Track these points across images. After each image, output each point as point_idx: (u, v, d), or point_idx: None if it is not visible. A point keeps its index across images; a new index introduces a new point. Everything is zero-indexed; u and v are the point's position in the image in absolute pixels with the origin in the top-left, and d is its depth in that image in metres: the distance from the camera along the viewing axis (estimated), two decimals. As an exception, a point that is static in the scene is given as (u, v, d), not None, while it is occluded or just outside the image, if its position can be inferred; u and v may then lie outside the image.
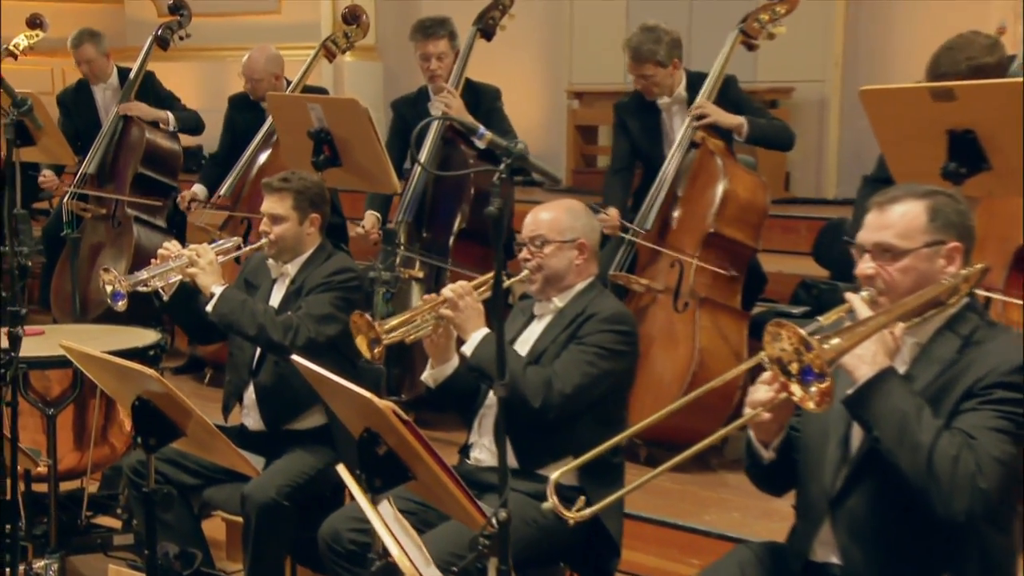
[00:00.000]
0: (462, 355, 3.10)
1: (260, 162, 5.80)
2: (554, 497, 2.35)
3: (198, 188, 6.03)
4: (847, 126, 7.26)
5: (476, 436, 3.21)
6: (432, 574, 2.24)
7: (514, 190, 2.25)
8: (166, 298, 3.62)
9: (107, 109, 6.32)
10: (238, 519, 3.53)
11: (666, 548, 3.91)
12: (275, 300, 3.67)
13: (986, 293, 3.19)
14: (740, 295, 4.60)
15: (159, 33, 6.27)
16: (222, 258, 3.69)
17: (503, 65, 6.64)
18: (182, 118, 6.27)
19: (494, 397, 3.10)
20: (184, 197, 5.98)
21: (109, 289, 3.50)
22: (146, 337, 3.99)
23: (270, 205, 3.63)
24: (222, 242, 3.81)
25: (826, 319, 2.34)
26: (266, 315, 3.52)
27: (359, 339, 3.02)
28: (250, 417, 3.67)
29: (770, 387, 2.32)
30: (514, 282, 3.14)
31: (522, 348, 3.15)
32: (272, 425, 3.62)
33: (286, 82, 5.91)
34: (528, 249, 3.17)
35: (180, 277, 3.59)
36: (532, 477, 3.02)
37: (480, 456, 3.17)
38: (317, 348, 3.44)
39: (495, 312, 2.37)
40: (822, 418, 2.37)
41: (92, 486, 4.04)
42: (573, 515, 2.37)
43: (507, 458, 2.31)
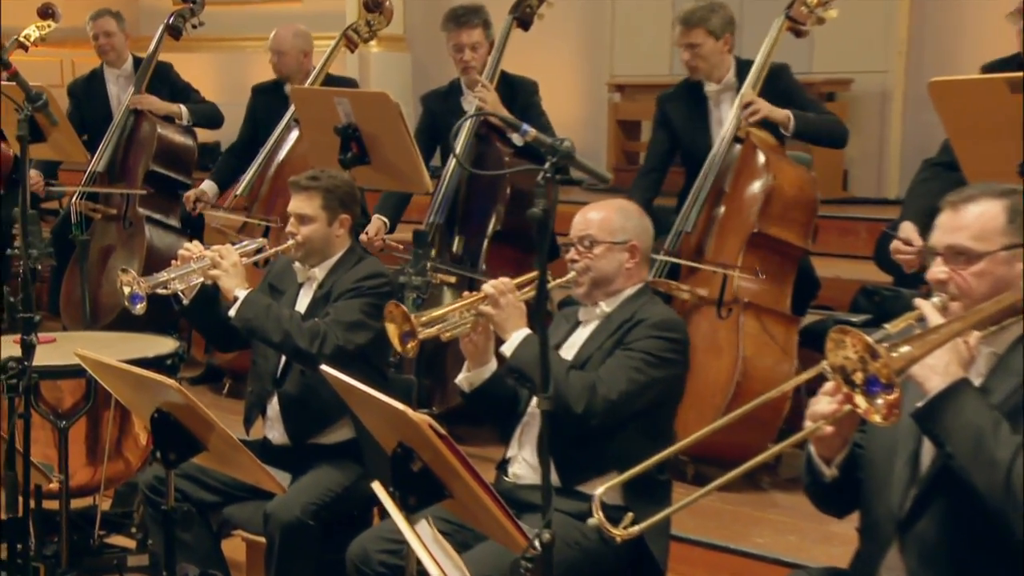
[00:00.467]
0: (500, 357, 3.11)
1: (279, 159, 5.83)
2: (599, 513, 2.36)
3: (207, 186, 6.02)
4: (911, 120, 7.21)
5: (515, 450, 3.21)
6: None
7: (558, 190, 2.24)
8: (186, 302, 3.64)
9: (119, 100, 6.36)
10: (260, 539, 3.54)
11: (716, 573, 3.90)
12: (301, 306, 3.68)
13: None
14: (789, 299, 4.59)
15: (171, 21, 6.29)
16: (246, 260, 3.70)
17: (540, 56, 6.64)
18: (197, 111, 6.28)
19: (535, 406, 3.12)
20: (188, 197, 5.99)
21: (127, 291, 3.53)
22: (163, 345, 4.01)
23: (297, 204, 3.64)
24: (246, 243, 3.83)
25: (893, 326, 2.32)
26: (292, 321, 3.54)
27: (391, 329, 3.02)
28: (273, 430, 3.69)
29: (833, 398, 2.31)
30: (559, 284, 3.14)
31: (566, 355, 3.16)
32: (297, 439, 3.64)
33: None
34: (576, 250, 3.18)
35: (201, 279, 3.61)
36: (573, 495, 3.03)
37: (519, 472, 3.17)
38: (345, 357, 3.46)
39: (538, 317, 2.37)
40: (889, 433, 2.36)
41: (105, 503, 4.07)
42: (620, 532, 2.37)
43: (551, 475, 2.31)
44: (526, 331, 3.05)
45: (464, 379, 3.19)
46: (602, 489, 2.42)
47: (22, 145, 3.26)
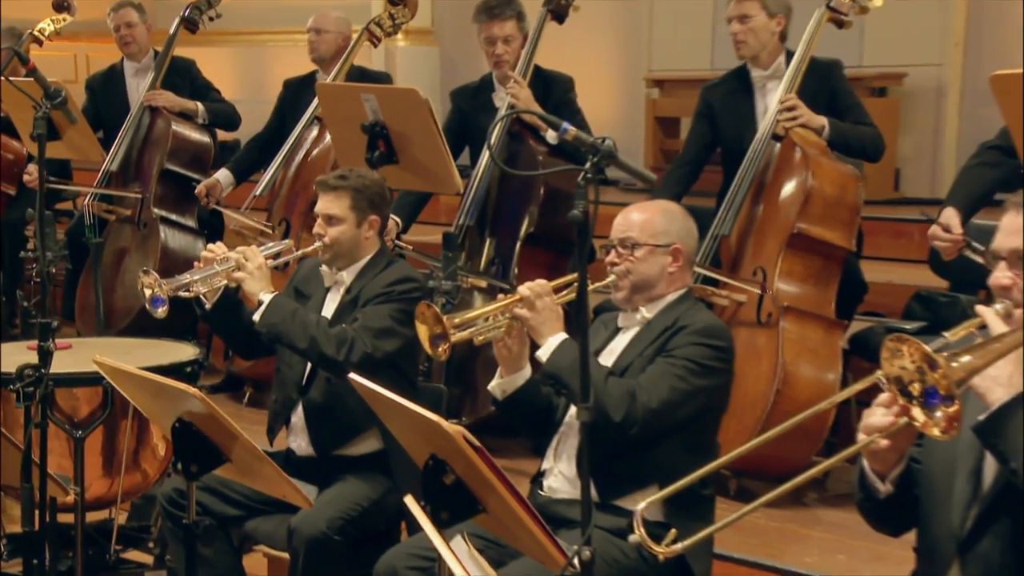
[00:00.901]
0: (535, 364, 3.11)
1: (299, 159, 5.85)
2: (641, 529, 2.36)
3: (222, 175, 6.04)
4: (968, 116, 7.15)
5: (551, 462, 3.21)
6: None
7: (599, 192, 2.25)
8: (208, 306, 3.66)
9: (139, 96, 6.35)
10: (283, 555, 3.56)
11: (761, 593, 3.90)
12: (328, 311, 3.70)
13: None
14: (833, 303, 4.57)
15: (186, 14, 6.30)
16: (271, 263, 3.72)
17: (575, 50, 6.66)
18: (214, 110, 6.32)
19: (572, 416, 3.13)
20: (200, 191, 6.00)
21: (148, 293, 3.55)
22: (183, 352, 4.05)
23: (325, 205, 3.66)
24: (272, 245, 3.84)
25: (953, 335, 2.31)
26: (319, 327, 3.55)
27: (421, 331, 3.03)
28: (298, 440, 3.71)
29: (888, 410, 2.30)
30: (598, 287, 3.14)
31: (604, 362, 3.16)
32: (322, 450, 3.66)
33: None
34: (616, 251, 3.17)
35: (225, 282, 3.62)
36: (612, 510, 3.03)
37: (555, 485, 3.18)
38: (374, 364, 3.47)
39: (578, 322, 2.38)
40: (949, 447, 2.35)
41: (122, 517, 4.10)
42: (663, 550, 2.37)
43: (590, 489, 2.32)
44: (563, 336, 3.05)
45: (497, 386, 3.19)
46: (644, 504, 2.41)
47: (39, 144, 3.29)
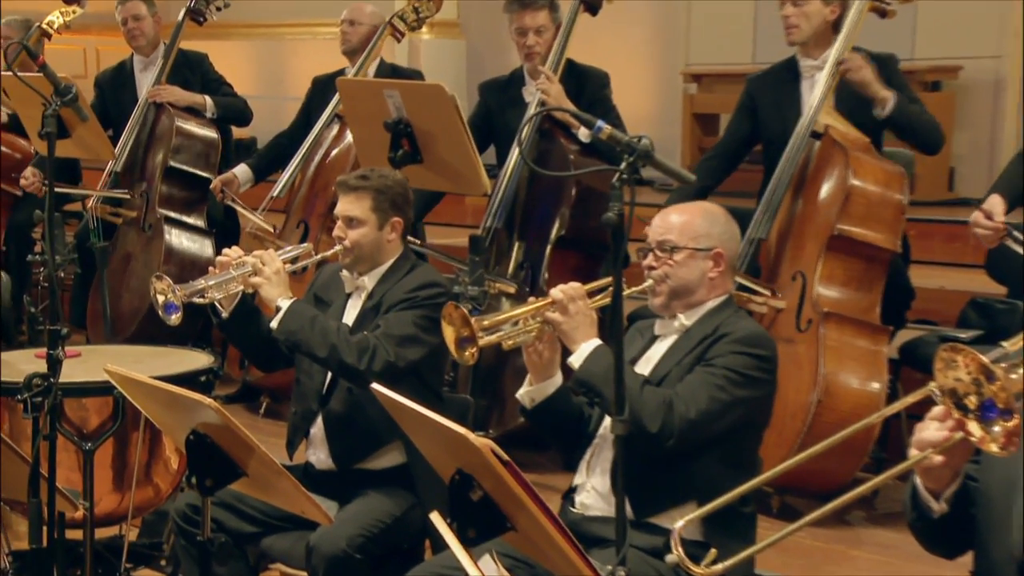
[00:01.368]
0: (567, 371, 3.11)
1: (318, 158, 5.88)
2: (679, 548, 2.35)
3: (240, 171, 6.07)
4: (1029, 111, 7.13)
5: (583, 477, 3.21)
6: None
7: (635, 192, 2.26)
8: (225, 314, 3.67)
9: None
10: (301, 573, 3.56)
11: (805, 617, 3.89)
12: (349, 318, 3.71)
13: None
14: (878, 308, 4.56)
15: (192, 5, 6.33)
16: (290, 267, 3.72)
17: (609, 44, 6.67)
18: (224, 104, 6.33)
19: (606, 428, 3.13)
20: (215, 186, 6.03)
21: (161, 299, 3.56)
22: (197, 360, 4.06)
23: (345, 206, 3.67)
24: (290, 249, 3.85)
25: (1012, 344, 2.29)
26: (339, 334, 3.56)
27: (448, 333, 3.03)
28: (318, 453, 3.72)
29: (942, 424, 2.28)
30: (634, 293, 3.14)
31: (641, 371, 3.15)
32: (343, 463, 3.67)
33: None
34: (653, 255, 3.17)
35: (241, 288, 3.63)
36: (647, 528, 3.03)
37: (587, 502, 3.18)
38: (396, 374, 3.48)
39: (613, 328, 2.39)
40: (1008, 464, 2.33)
41: (132, 533, 4.12)
42: (702, 571, 2.36)
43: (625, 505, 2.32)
44: (597, 342, 3.05)
45: (526, 394, 3.19)
46: (682, 522, 2.41)
47: (48, 142, 3.31)
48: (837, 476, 4.09)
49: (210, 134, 6.28)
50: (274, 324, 3.60)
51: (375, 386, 2.65)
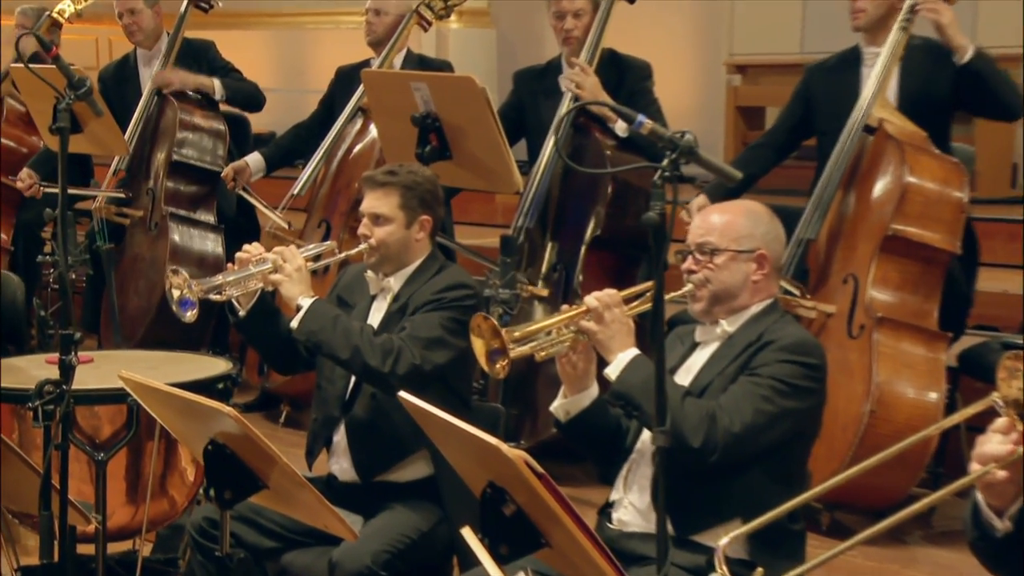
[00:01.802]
0: (603, 381, 3.11)
1: (340, 154, 5.89)
2: (723, 567, 2.35)
3: (252, 159, 6.06)
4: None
5: (621, 492, 3.21)
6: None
7: (678, 190, 2.26)
8: (243, 313, 3.68)
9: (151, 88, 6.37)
10: (323, 591, 3.59)
11: (857, 641, 3.88)
12: (374, 320, 3.72)
13: None
14: (935, 313, 4.54)
15: None
16: (312, 265, 3.73)
17: (648, 33, 6.66)
18: (233, 87, 6.28)
19: (645, 441, 3.12)
20: (227, 174, 6.02)
21: (176, 295, 3.56)
22: (214, 366, 4.08)
23: (372, 203, 3.67)
24: (313, 247, 3.86)
25: (1081, 352, 2.29)
26: (362, 335, 3.56)
27: (478, 346, 3.03)
28: (340, 463, 3.73)
29: (1005, 437, 2.27)
30: (674, 298, 3.14)
31: (681, 381, 3.15)
32: (366, 475, 3.68)
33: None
34: (693, 258, 3.16)
35: (260, 286, 3.64)
36: (689, 546, 3.03)
37: (625, 518, 3.18)
38: (422, 378, 3.49)
39: (654, 338, 2.39)
40: (1076, 480, 2.32)
41: (146, 548, 4.14)
42: (748, 592, 2.37)
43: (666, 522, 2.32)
44: (635, 351, 3.05)
45: (560, 406, 3.19)
46: (727, 540, 2.41)
47: (61, 138, 3.33)
48: (891, 492, 4.07)
49: (217, 126, 6.26)
50: (294, 324, 3.61)
51: (402, 394, 2.66)
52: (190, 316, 3.57)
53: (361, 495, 3.66)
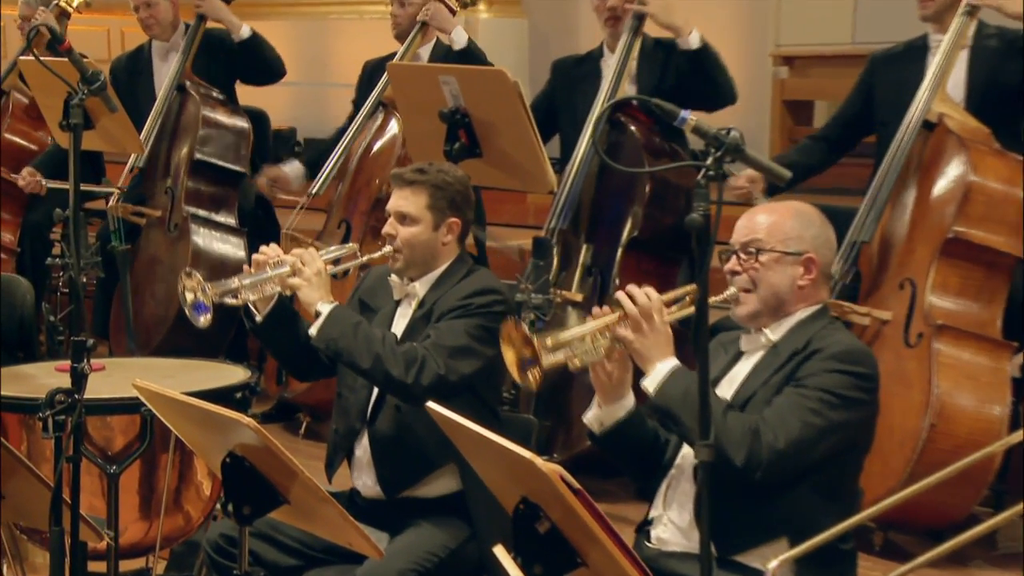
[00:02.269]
0: (639, 392, 3.11)
1: (359, 152, 5.90)
2: (773, 592, 2.36)
3: (291, 168, 6.13)
4: None
5: (660, 509, 3.22)
6: None
7: (723, 191, 2.26)
8: (259, 318, 3.69)
9: (166, 84, 6.38)
10: (346, 611, 3.61)
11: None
12: (398, 328, 3.72)
13: None
14: (999, 321, 4.51)
15: None
16: (332, 269, 3.74)
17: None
18: (259, 41, 6.28)
19: (687, 456, 3.12)
20: (261, 183, 6.08)
21: (190, 298, 3.57)
22: (232, 374, 4.10)
23: (399, 202, 3.68)
24: (333, 249, 3.86)
25: None
26: (385, 343, 3.56)
27: (508, 355, 3.02)
28: (363, 478, 3.73)
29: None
30: (716, 302, 3.12)
31: (723, 393, 3.15)
32: (391, 490, 3.69)
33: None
34: (737, 258, 3.16)
35: (278, 289, 3.65)
36: (733, 567, 3.03)
37: (665, 536, 3.18)
38: (448, 388, 3.49)
39: (698, 348, 2.39)
40: None
41: (160, 565, 4.16)
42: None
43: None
44: (674, 362, 3.04)
45: (594, 418, 3.20)
46: (776, 562, 2.42)
47: (74, 135, 3.35)
48: (950, 511, 4.05)
49: (240, 124, 6.31)
50: (313, 331, 3.61)
51: (431, 404, 2.67)
52: (204, 321, 3.57)
53: (386, 511, 3.66)
